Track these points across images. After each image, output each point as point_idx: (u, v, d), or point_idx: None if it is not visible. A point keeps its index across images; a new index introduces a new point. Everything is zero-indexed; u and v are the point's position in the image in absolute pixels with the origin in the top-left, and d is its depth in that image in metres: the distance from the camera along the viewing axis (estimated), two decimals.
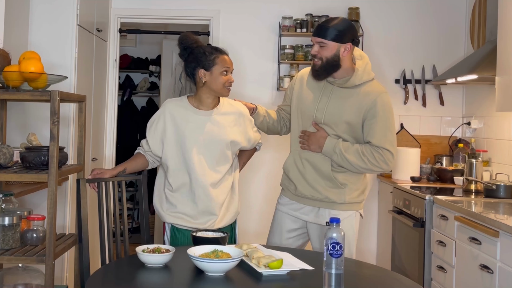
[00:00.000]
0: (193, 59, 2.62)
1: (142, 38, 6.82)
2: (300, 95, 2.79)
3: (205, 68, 2.60)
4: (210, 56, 2.60)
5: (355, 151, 2.62)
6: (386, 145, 2.61)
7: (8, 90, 2.41)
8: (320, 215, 2.73)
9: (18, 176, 2.31)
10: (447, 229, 3.22)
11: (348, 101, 2.66)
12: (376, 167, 2.62)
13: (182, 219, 2.64)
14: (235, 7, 4.66)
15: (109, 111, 4.64)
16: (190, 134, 2.62)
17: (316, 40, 2.64)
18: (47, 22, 3.66)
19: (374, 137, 2.62)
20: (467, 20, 4.61)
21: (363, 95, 2.66)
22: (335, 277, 1.84)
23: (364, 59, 2.75)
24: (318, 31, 2.63)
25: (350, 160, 2.62)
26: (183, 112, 2.65)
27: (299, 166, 2.76)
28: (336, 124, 2.67)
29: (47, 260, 2.27)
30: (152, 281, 2.06)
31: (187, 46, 2.64)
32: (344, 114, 2.65)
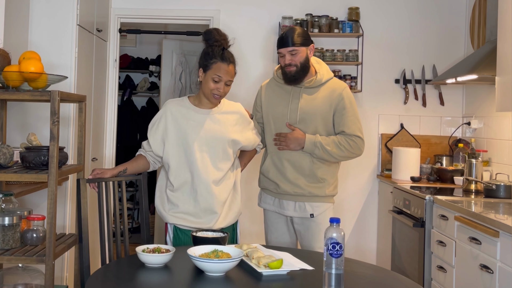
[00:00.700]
0: (200, 56, 2.68)
1: (142, 38, 6.82)
2: (269, 103, 3.02)
3: (203, 69, 2.66)
4: (210, 60, 2.63)
5: (332, 142, 2.89)
6: (357, 132, 2.91)
7: (8, 90, 2.41)
8: (304, 208, 2.95)
9: (18, 176, 2.31)
10: (447, 229, 3.22)
11: (318, 98, 2.93)
12: (352, 154, 2.91)
13: (184, 219, 2.64)
14: (235, 7, 4.66)
15: (109, 111, 4.64)
16: (191, 132, 2.64)
17: (287, 50, 2.88)
18: (47, 22, 3.66)
19: (346, 126, 2.91)
20: (467, 20, 4.61)
21: (330, 91, 2.94)
22: (335, 277, 1.84)
23: (319, 61, 3.06)
24: (286, 42, 2.88)
25: (330, 152, 2.88)
26: (184, 111, 2.68)
27: (278, 166, 2.96)
28: (311, 120, 2.92)
29: (47, 260, 2.27)
30: (152, 281, 2.06)
31: (205, 41, 2.68)
32: (317, 110, 2.92)
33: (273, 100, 3.01)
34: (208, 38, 2.67)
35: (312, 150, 2.88)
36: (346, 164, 4.63)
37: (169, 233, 2.70)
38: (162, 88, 5.75)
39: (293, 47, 2.87)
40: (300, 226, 2.98)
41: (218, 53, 2.64)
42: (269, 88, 3.08)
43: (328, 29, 4.52)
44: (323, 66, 3.03)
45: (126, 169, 2.71)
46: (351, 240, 4.65)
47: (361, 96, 4.65)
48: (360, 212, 4.67)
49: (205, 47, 2.68)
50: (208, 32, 2.68)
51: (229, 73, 2.63)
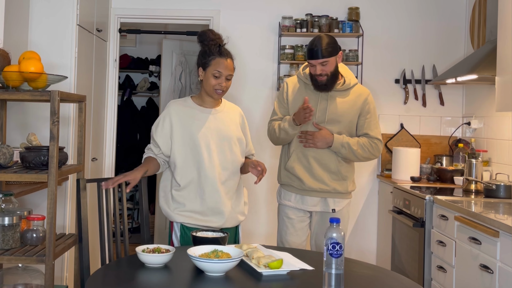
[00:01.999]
0: (198, 56, 2.72)
1: (142, 38, 6.82)
2: (296, 100, 3.11)
3: (203, 67, 2.69)
4: (208, 57, 2.66)
5: (357, 143, 3.05)
6: (378, 136, 3.11)
7: (8, 90, 2.41)
8: (327, 204, 3.10)
9: (18, 176, 2.31)
10: (447, 229, 3.22)
11: (346, 102, 3.08)
12: (372, 155, 3.10)
13: (191, 218, 2.65)
14: (235, 7, 4.66)
15: (109, 111, 4.64)
16: (197, 131, 2.66)
17: (318, 62, 2.98)
18: (47, 22, 3.66)
19: (370, 130, 3.09)
20: (467, 20, 4.61)
21: (356, 96, 3.10)
22: (335, 277, 1.84)
23: (345, 66, 3.18)
24: (316, 53, 2.98)
25: (355, 152, 3.04)
26: (189, 111, 2.70)
27: (304, 163, 3.08)
28: (338, 122, 3.06)
29: (47, 260, 2.27)
30: (152, 281, 2.06)
31: (201, 42, 2.70)
32: (345, 113, 3.06)
33: (301, 98, 3.07)
34: (203, 39, 2.69)
35: (339, 149, 3.03)
36: None
37: (176, 232, 2.70)
38: (162, 88, 5.75)
39: (324, 58, 2.98)
40: (319, 220, 3.12)
41: (215, 49, 2.66)
42: (295, 86, 3.16)
43: (328, 29, 4.52)
44: (348, 71, 3.16)
45: (147, 170, 2.70)
46: (351, 240, 4.65)
47: None
48: (360, 212, 4.67)
49: (202, 47, 2.71)
50: (203, 33, 2.71)
51: (228, 67, 2.66)
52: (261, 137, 3.99)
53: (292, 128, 3.02)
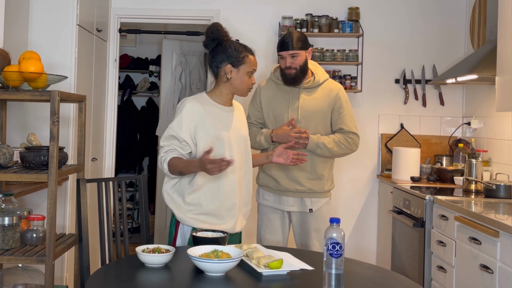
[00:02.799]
0: (221, 52, 2.56)
1: (142, 38, 6.83)
2: (269, 103, 3.16)
3: (233, 64, 2.55)
4: (240, 54, 2.56)
5: (333, 141, 3.06)
6: (353, 129, 3.12)
7: (8, 90, 2.41)
8: (304, 204, 3.13)
9: (18, 176, 2.31)
10: (447, 229, 3.22)
11: (317, 98, 3.11)
12: (349, 150, 3.10)
13: (205, 222, 2.52)
14: (235, 7, 4.66)
15: (109, 111, 4.64)
16: (221, 129, 2.54)
17: (288, 53, 3.05)
18: (47, 22, 3.66)
19: (344, 124, 3.10)
20: (467, 20, 4.61)
21: (328, 91, 3.13)
22: (335, 277, 1.84)
23: (315, 63, 3.23)
24: (287, 45, 3.05)
25: (331, 150, 3.06)
26: (210, 109, 2.55)
27: (281, 166, 3.09)
28: (312, 119, 3.09)
29: (47, 260, 2.27)
30: (152, 281, 2.06)
31: (216, 37, 2.57)
32: (317, 109, 3.10)
33: (273, 100, 3.15)
34: (217, 34, 2.57)
35: (315, 150, 3.05)
36: (346, 164, 4.63)
37: (184, 234, 2.57)
38: (162, 88, 5.75)
39: (294, 50, 3.04)
40: (298, 220, 3.16)
41: (241, 45, 2.58)
42: (268, 88, 3.20)
43: (328, 29, 4.52)
44: (319, 68, 3.21)
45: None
46: (351, 240, 4.65)
47: (361, 96, 4.65)
48: (360, 212, 4.67)
49: (220, 42, 2.57)
50: (215, 28, 2.58)
51: (257, 63, 2.66)
52: None
53: (267, 144, 3.08)
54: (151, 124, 6.44)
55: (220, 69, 2.57)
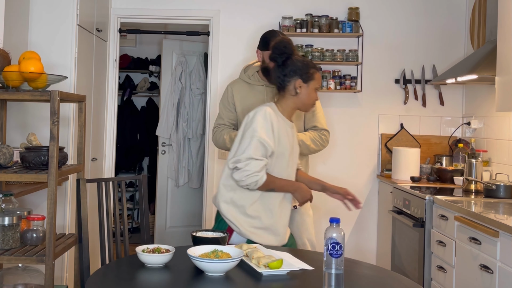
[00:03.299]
0: (292, 67, 2.58)
1: (142, 38, 6.83)
2: (243, 103, 3.10)
3: (303, 79, 2.58)
4: (309, 70, 2.59)
5: (309, 138, 3.07)
6: (325, 127, 3.16)
7: (8, 90, 2.41)
8: None
9: (18, 176, 2.31)
10: (447, 229, 3.22)
11: None
12: (322, 146, 3.13)
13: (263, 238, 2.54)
14: (235, 7, 4.66)
15: (109, 111, 4.65)
16: (286, 145, 2.57)
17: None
18: (47, 22, 3.66)
19: (318, 122, 3.13)
20: (467, 20, 4.61)
21: None
22: (335, 277, 1.84)
23: None
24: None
25: (309, 147, 3.07)
26: (282, 123, 2.58)
27: None
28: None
29: (47, 260, 2.27)
30: (152, 281, 2.06)
31: (285, 52, 2.60)
32: None
33: (247, 100, 3.09)
34: (289, 49, 2.59)
35: None
36: (346, 164, 4.63)
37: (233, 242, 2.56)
38: (162, 88, 5.75)
39: None
40: None
41: (309, 61, 2.63)
42: (240, 88, 3.15)
43: (328, 29, 4.52)
44: None
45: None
46: (351, 240, 4.65)
47: (361, 96, 4.65)
48: (360, 212, 4.67)
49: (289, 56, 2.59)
50: (286, 43, 2.61)
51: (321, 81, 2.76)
52: None
53: None
54: (151, 124, 6.45)
55: (289, 83, 2.59)
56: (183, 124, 5.68)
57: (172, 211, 5.68)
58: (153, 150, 6.53)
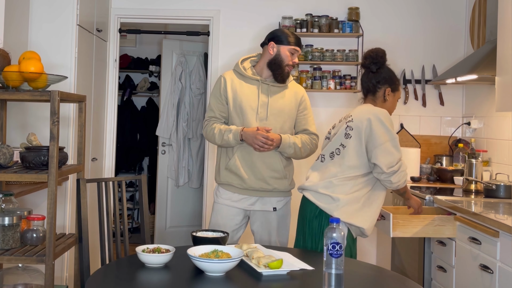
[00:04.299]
0: (385, 75, 2.89)
1: (142, 38, 6.83)
2: (236, 96, 3.04)
3: (392, 89, 2.89)
4: (397, 81, 2.92)
5: (301, 141, 3.04)
6: (315, 131, 3.16)
7: (8, 90, 2.41)
8: (267, 202, 3.07)
9: (18, 176, 2.31)
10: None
11: (286, 97, 3.09)
12: (312, 151, 3.11)
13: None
14: (235, 7, 4.66)
15: (109, 111, 4.65)
16: None
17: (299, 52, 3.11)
18: (47, 22, 3.67)
19: (309, 125, 3.13)
20: (467, 20, 4.61)
21: (294, 92, 3.13)
22: (335, 277, 1.84)
23: None
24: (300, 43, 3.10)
25: (300, 150, 3.03)
26: None
27: (248, 162, 3.01)
28: (280, 117, 3.05)
29: (47, 260, 2.27)
30: (152, 281, 2.06)
31: (379, 62, 2.89)
32: (285, 108, 3.07)
33: (241, 94, 3.03)
34: (383, 59, 2.91)
35: (285, 149, 3.00)
36: None
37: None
38: (162, 88, 5.75)
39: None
40: (260, 219, 3.09)
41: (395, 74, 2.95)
42: (233, 80, 3.08)
43: (328, 29, 4.52)
44: None
45: None
46: None
47: (361, 96, 4.64)
48: None
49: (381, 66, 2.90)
50: (382, 53, 2.91)
51: None
52: None
53: (235, 142, 2.97)
54: (151, 124, 6.45)
55: (379, 90, 2.90)
56: (183, 124, 5.68)
57: (172, 211, 5.69)
58: (153, 150, 6.53)
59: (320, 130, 3.45)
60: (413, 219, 3.05)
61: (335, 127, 2.94)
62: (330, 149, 2.84)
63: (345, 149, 2.75)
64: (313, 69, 4.57)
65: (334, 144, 2.82)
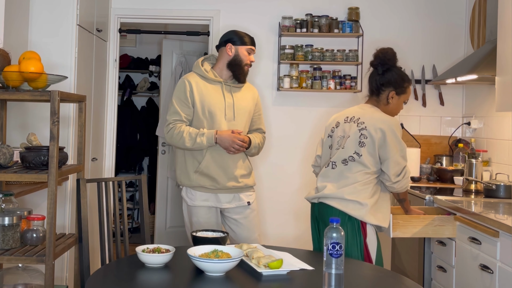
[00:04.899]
0: (391, 77, 2.84)
1: (142, 38, 6.82)
2: (203, 99, 3.08)
3: (396, 92, 2.85)
4: (404, 84, 2.86)
5: (259, 140, 3.21)
6: (265, 129, 3.34)
7: (8, 90, 2.41)
8: (240, 198, 3.17)
9: (18, 176, 2.31)
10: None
11: (246, 98, 3.20)
12: (261, 149, 3.26)
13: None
14: (235, 7, 4.66)
15: (109, 111, 4.65)
16: None
17: (255, 51, 3.20)
18: (47, 22, 3.66)
19: (263, 125, 3.31)
20: (467, 20, 4.61)
21: (250, 92, 3.24)
22: (335, 277, 1.84)
23: None
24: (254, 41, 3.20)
25: (258, 149, 3.21)
26: None
27: (219, 163, 3.09)
28: (243, 117, 3.16)
29: (47, 260, 2.27)
30: (152, 281, 2.06)
31: (388, 63, 2.86)
32: (247, 108, 3.19)
33: (207, 97, 3.08)
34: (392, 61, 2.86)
35: (251, 150, 3.16)
36: None
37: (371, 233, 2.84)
38: (162, 88, 5.75)
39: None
40: (237, 215, 3.17)
41: (405, 75, 2.89)
42: (199, 83, 3.11)
43: (328, 29, 4.52)
44: None
45: None
46: None
47: (361, 96, 4.65)
48: None
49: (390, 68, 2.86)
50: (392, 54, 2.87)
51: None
52: None
53: (208, 145, 3.02)
54: (151, 124, 6.44)
55: (383, 92, 2.87)
56: None
57: (172, 211, 5.68)
58: (153, 150, 6.53)
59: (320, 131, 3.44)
60: (412, 219, 3.05)
61: (341, 129, 2.88)
62: (342, 156, 2.80)
63: (361, 157, 2.74)
64: (313, 69, 4.57)
65: (347, 151, 2.79)
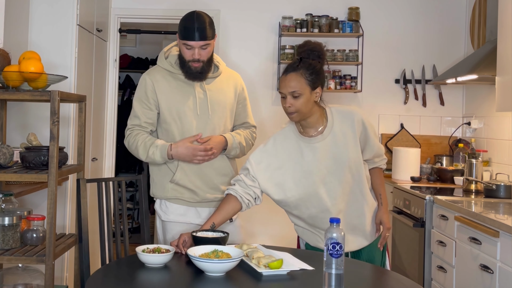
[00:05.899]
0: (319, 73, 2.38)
1: (142, 38, 6.83)
2: (168, 98, 2.61)
3: (322, 86, 2.43)
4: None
5: (244, 138, 2.71)
6: (254, 123, 2.83)
7: (8, 90, 2.41)
8: None
9: (18, 176, 2.31)
10: (447, 229, 3.22)
11: (224, 89, 2.68)
12: (250, 147, 2.76)
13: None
14: (235, 7, 4.66)
15: (109, 111, 4.65)
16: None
17: (198, 44, 2.54)
18: (47, 22, 3.66)
19: (249, 118, 2.80)
20: (467, 20, 4.61)
21: (230, 80, 2.72)
22: (335, 277, 1.84)
23: None
24: (200, 34, 2.55)
25: (244, 149, 2.72)
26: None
27: (197, 172, 2.62)
28: (222, 113, 2.66)
29: (47, 260, 2.27)
30: (152, 281, 2.06)
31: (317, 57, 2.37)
32: (226, 102, 2.68)
33: (173, 94, 2.61)
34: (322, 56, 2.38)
35: (230, 151, 2.66)
36: None
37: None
38: None
39: (207, 40, 2.55)
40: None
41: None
42: (162, 80, 2.64)
43: (328, 29, 4.52)
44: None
45: (213, 224, 2.37)
46: None
47: (361, 96, 4.65)
48: None
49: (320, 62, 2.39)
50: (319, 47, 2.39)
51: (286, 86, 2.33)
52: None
53: (162, 160, 2.57)
54: None
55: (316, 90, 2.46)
56: None
57: None
58: None
59: None
60: None
61: None
62: None
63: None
64: None
65: None
